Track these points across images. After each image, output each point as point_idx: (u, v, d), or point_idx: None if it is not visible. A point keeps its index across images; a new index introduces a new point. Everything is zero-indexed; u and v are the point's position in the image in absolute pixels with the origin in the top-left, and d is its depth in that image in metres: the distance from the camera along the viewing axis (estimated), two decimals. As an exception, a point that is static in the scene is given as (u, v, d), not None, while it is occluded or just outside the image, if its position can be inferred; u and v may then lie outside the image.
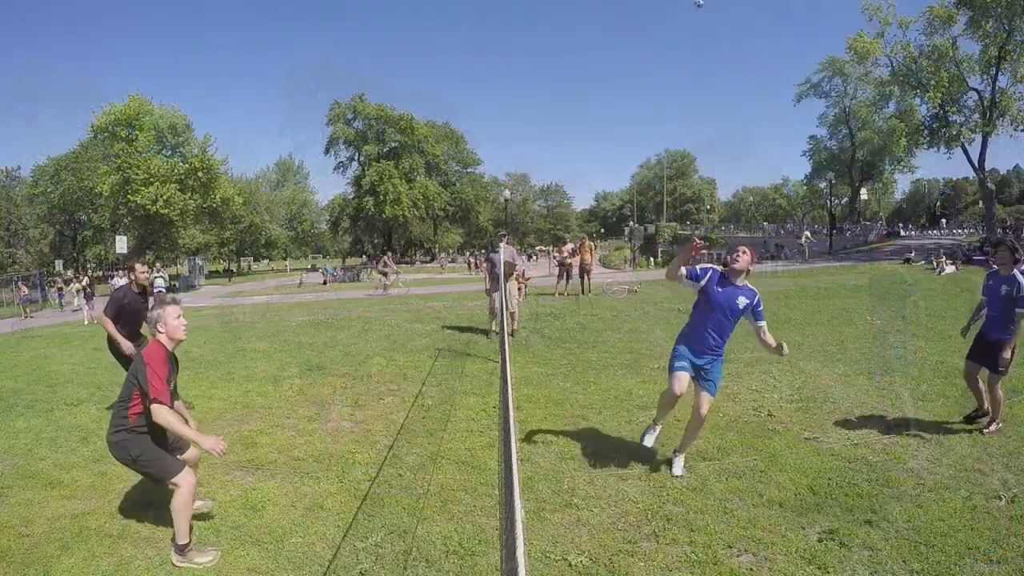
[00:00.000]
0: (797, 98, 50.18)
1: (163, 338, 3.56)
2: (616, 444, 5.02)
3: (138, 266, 6.41)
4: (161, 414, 3.32)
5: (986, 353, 4.95)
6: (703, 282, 4.32)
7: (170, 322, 3.56)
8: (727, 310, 4.28)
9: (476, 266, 43.04)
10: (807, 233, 37.81)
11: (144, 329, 6.32)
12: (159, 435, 3.56)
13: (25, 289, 23.63)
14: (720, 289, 4.28)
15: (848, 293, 14.58)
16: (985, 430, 4.77)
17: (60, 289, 26.43)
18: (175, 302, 3.66)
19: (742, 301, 4.28)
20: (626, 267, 39.51)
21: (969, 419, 5.16)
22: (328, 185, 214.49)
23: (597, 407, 6.03)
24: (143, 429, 3.48)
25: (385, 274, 24.28)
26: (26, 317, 21.58)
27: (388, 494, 4.26)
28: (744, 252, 4.37)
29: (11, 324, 19.08)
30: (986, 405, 5.08)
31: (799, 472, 4.37)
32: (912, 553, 3.32)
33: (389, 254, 31.42)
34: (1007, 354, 4.76)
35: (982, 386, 5.02)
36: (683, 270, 4.31)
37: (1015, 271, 4.86)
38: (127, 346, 5.97)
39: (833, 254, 34.83)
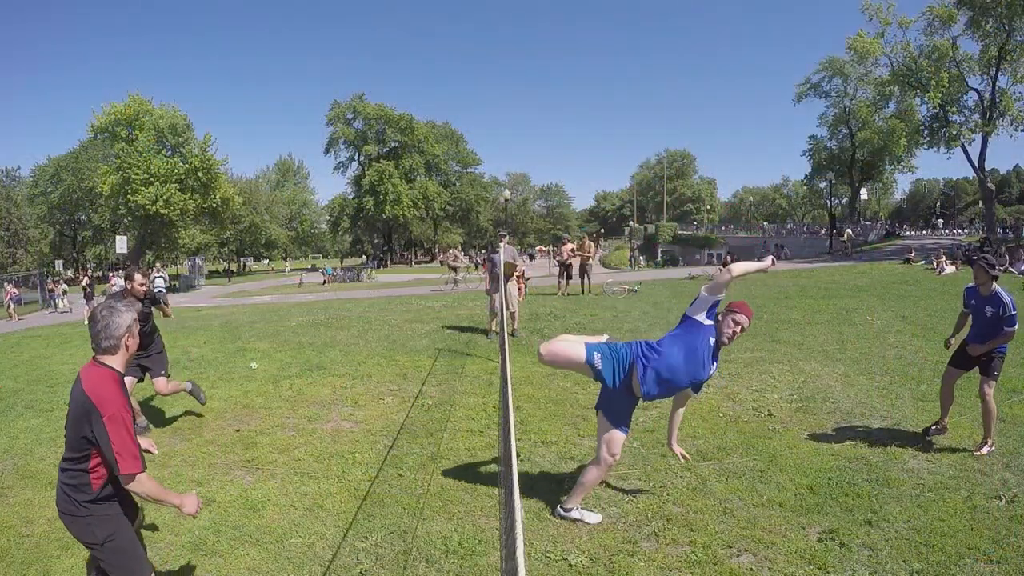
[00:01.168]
0: (797, 98, 50.06)
1: (119, 359, 2.53)
2: (616, 444, 5.02)
3: (137, 276, 5.58)
4: (142, 486, 2.43)
5: (974, 361, 4.88)
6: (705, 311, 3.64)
7: (136, 332, 2.58)
8: (698, 362, 3.57)
9: (484, 265, 42.95)
10: (848, 231, 37.89)
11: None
12: (129, 499, 2.67)
13: (15, 290, 23.62)
14: (710, 325, 3.64)
15: (848, 293, 14.58)
16: (976, 452, 4.62)
17: (51, 290, 26.48)
18: (132, 307, 2.61)
19: (712, 369, 3.67)
20: (633, 267, 39.50)
21: (928, 432, 5.00)
22: (329, 185, 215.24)
23: (597, 407, 6.03)
24: (112, 498, 2.55)
25: (455, 268, 23.70)
26: (10, 318, 21.54)
27: (388, 494, 4.26)
28: (736, 324, 3.63)
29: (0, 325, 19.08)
30: (946, 420, 5.02)
31: (799, 472, 4.37)
32: (912, 553, 3.33)
33: (458, 247, 30.87)
34: (977, 350, 4.73)
35: (986, 400, 4.93)
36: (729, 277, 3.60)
37: (996, 289, 4.78)
38: None
39: (833, 254, 34.81)
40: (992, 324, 4.75)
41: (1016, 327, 4.68)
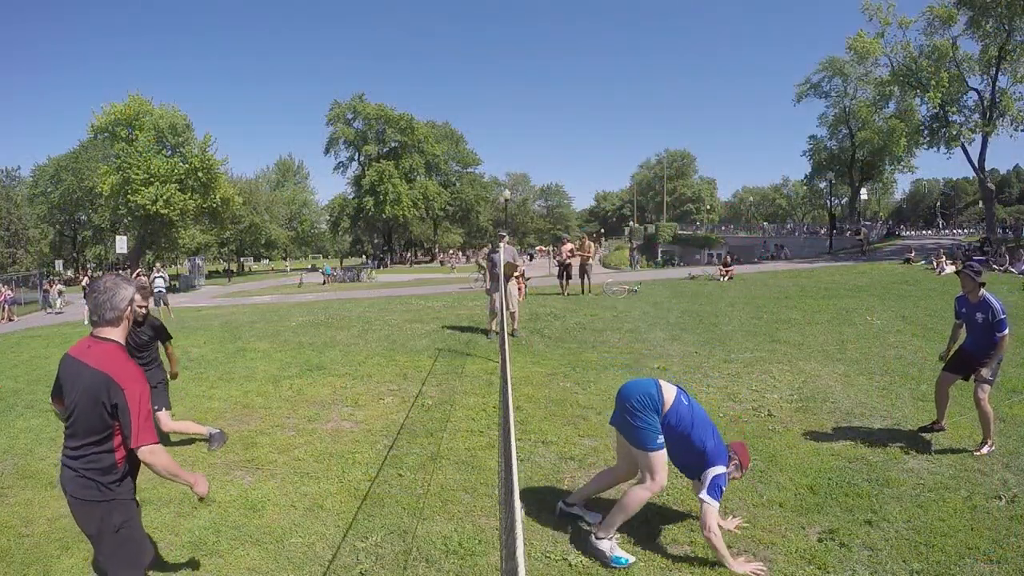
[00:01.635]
0: (797, 98, 50.04)
1: (120, 331, 2.55)
2: (616, 444, 5.02)
3: (137, 297, 5.26)
4: (159, 457, 2.42)
5: (971, 366, 4.90)
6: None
7: (135, 302, 2.66)
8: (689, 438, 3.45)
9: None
10: (864, 229, 37.93)
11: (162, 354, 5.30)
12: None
13: (9, 292, 23.64)
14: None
15: (848, 293, 14.58)
16: (976, 452, 4.63)
17: (46, 291, 26.51)
18: (131, 282, 2.66)
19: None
20: (634, 267, 39.48)
21: (924, 430, 5.12)
22: (329, 185, 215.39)
23: (597, 407, 6.03)
24: (130, 476, 2.55)
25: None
26: (7, 319, 21.52)
27: (388, 494, 4.25)
28: (737, 472, 3.61)
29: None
30: (945, 421, 5.10)
31: (799, 472, 4.37)
32: (912, 553, 3.33)
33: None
34: (985, 372, 4.74)
35: (974, 402, 4.94)
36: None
37: (984, 295, 4.82)
38: None
39: (833, 254, 34.80)
40: (985, 330, 4.80)
41: (1007, 331, 4.72)
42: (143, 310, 4.95)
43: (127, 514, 2.50)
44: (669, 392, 3.50)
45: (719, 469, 3.38)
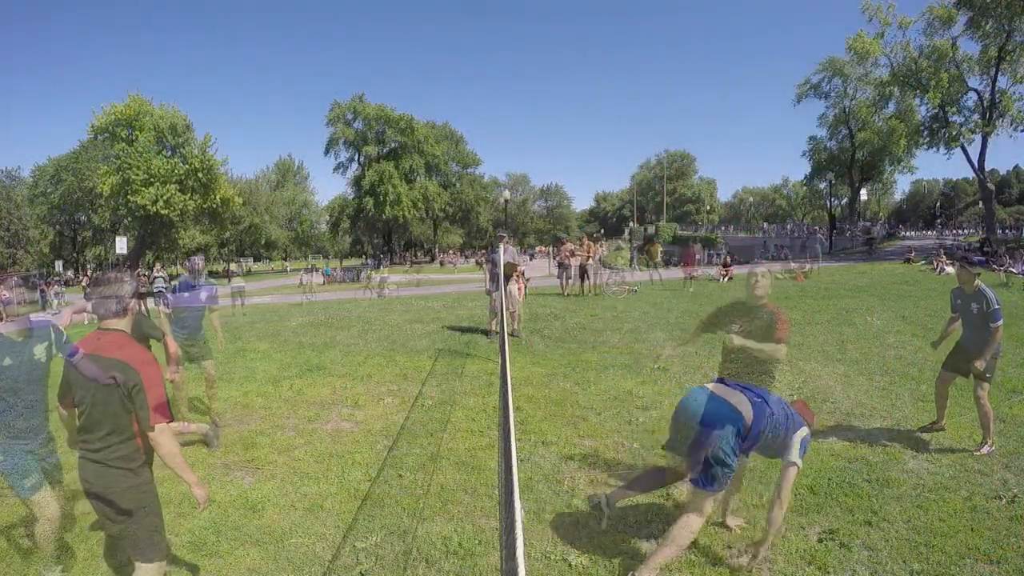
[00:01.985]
0: (797, 98, 50.07)
1: (126, 322, 2.65)
2: (616, 444, 5.02)
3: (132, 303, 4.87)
4: (168, 440, 2.52)
5: (969, 362, 4.90)
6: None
7: (134, 298, 2.70)
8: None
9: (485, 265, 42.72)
10: (873, 230, 38.10)
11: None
12: None
13: (6, 292, 23.70)
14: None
15: (848, 293, 14.58)
16: (976, 452, 4.63)
17: (42, 291, 26.58)
18: (132, 277, 2.75)
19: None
20: (635, 268, 39.41)
21: (924, 430, 5.16)
22: (329, 186, 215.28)
23: (597, 407, 6.03)
24: (149, 472, 2.68)
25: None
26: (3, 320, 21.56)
27: (388, 495, 4.25)
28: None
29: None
30: (944, 421, 5.13)
31: (799, 472, 4.36)
32: (912, 553, 3.33)
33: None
34: (980, 364, 4.75)
35: (976, 402, 4.95)
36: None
37: (979, 286, 4.87)
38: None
39: (833, 254, 34.80)
40: (981, 322, 4.82)
41: (1001, 322, 4.74)
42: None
43: (153, 494, 2.63)
44: (744, 406, 3.18)
45: (804, 431, 3.37)
